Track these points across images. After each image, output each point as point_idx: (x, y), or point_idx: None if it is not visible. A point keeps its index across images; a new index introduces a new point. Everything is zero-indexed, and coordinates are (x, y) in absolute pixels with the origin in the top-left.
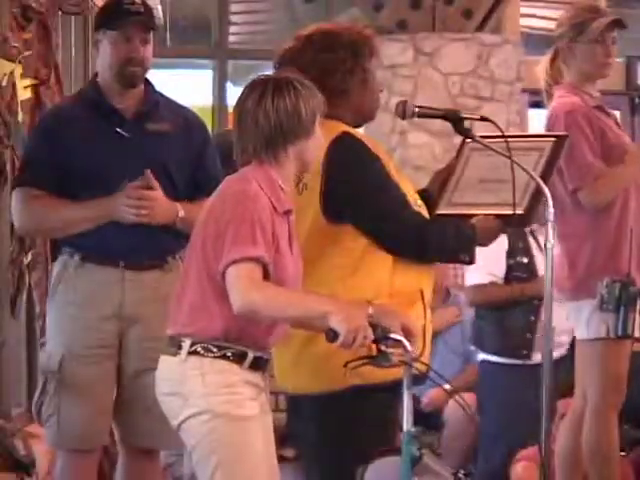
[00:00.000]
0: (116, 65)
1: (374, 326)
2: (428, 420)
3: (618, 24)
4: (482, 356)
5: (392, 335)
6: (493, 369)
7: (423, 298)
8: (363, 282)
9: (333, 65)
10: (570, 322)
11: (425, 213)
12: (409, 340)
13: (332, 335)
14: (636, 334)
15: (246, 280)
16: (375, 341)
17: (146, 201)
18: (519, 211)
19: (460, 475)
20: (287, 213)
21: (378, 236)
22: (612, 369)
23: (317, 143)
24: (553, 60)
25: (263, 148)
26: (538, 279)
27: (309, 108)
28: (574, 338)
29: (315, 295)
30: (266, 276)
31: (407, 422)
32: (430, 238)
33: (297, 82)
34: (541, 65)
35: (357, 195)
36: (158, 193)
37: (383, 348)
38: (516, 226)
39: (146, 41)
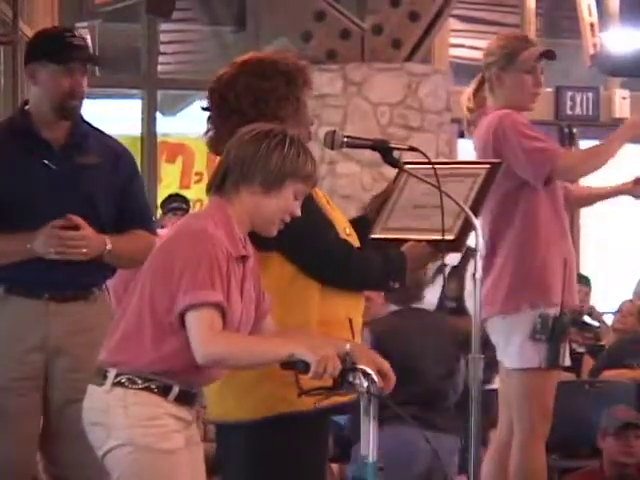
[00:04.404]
0: (57, 98)
1: (341, 357)
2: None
3: (549, 55)
4: None
5: (360, 366)
6: None
7: (352, 327)
8: (292, 309)
9: (267, 91)
10: (497, 348)
11: (354, 241)
12: (386, 382)
13: (303, 367)
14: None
15: (208, 330)
16: (341, 371)
17: (79, 241)
18: (450, 237)
19: None
20: (243, 259)
21: (302, 263)
22: (542, 399)
23: (279, 208)
24: (477, 89)
25: (220, 179)
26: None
27: (280, 166)
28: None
29: (277, 337)
30: (224, 319)
31: (372, 454)
32: (354, 265)
33: (289, 139)
34: (464, 94)
35: None
36: (88, 231)
37: (350, 379)
38: (447, 251)
39: (85, 74)
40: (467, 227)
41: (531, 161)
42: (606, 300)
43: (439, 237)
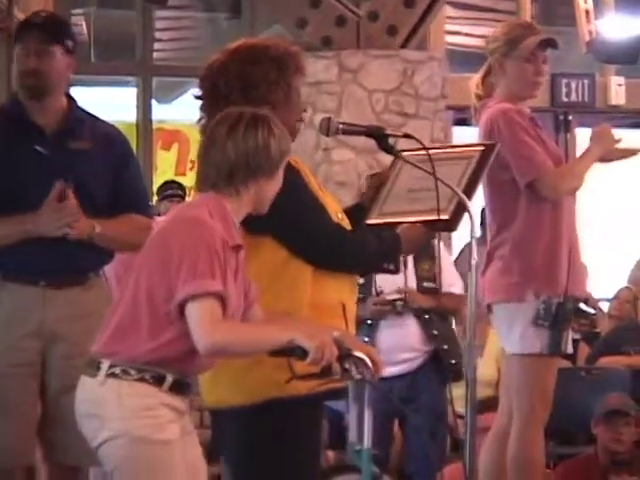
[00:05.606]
0: (18, 78)
1: (337, 344)
2: None
3: (550, 43)
4: None
5: (355, 353)
6: None
7: (345, 312)
8: (283, 294)
9: (257, 77)
10: (499, 334)
11: (346, 225)
12: (376, 368)
13: (301, 353)
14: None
15: (209, 319)
16: (338, 358)
17: (73, 214)
18: (445, 216)
19: None
20: (236, 248)
21: (295, 247)
22: (543, 384)
23: (276, 187)
24: (485, 76)
25: (224, 178)
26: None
27: (279, 149)
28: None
29: (276, 324)
30: (224, 308)
31: (367, 440)
32: (347, 247)
33: (272, 121)
34: (472, 81)
35: (273, 205)
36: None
37: (346, 366)
38: (442, 231)
39: (44, 52)
40: (462, 207)
41: (515, 165)
42: (602, 287)
43: (434, 217)
